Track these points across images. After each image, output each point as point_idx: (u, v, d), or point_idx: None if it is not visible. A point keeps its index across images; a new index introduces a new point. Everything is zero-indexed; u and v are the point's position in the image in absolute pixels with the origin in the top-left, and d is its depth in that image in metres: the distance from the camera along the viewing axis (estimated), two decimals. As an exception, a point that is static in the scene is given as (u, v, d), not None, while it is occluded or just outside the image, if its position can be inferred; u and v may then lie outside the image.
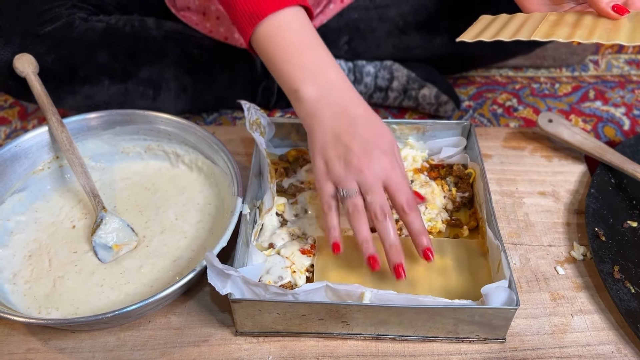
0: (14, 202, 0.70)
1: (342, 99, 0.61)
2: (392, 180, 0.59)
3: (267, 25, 0.62)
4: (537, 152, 0.82)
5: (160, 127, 0.74)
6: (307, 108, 0.61)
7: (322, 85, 0.61)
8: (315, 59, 0.62)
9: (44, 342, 0.59)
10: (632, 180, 0.73)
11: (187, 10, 0.85)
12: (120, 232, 0.66)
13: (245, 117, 0.70)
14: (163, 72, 0.84)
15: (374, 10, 0.87)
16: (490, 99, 1.00)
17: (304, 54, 0.62)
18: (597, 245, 0.66)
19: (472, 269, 0.63)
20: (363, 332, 0.59)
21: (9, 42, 0.76)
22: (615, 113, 0.96)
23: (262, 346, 0.59)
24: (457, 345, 0.59)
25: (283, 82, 0.63)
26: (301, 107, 0.62)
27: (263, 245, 0.66)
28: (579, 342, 0.59)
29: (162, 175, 0.76)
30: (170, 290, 0.55)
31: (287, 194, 0.72)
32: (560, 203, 0.74)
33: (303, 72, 0.61)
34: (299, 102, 0.62)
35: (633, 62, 1.09)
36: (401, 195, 0.59)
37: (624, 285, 0.62)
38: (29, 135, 0.71)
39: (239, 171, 0.67)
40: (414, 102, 0.93)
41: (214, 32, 0.85)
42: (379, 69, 0.92)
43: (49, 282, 0.63)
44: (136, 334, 0.60)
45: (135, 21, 0.83)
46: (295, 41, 0.62)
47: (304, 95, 0.61)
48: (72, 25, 0.79)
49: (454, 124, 0.75)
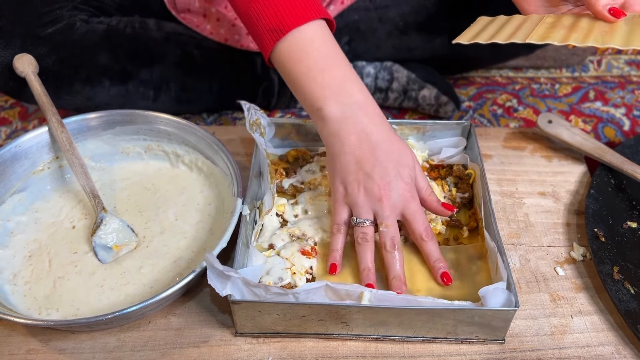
0: (14, 203, 0.70)
1: (367, 120, 0.60)
2: (410, 210, 0.60)
3: (289, 40, 0.60)
4: (537, 152, 0.82)
5: (160, 127, 0.74)
6: (330, 128, 0.60)
7: (346, 104, 0.60)
8: (339, 77, 0.60)
9: (44, 343, 0.60)
10: (631, 181, 0.73)
11: (187, 12, 0.85)
12: (120, 232, 0.66)
13: (245, 118, 0.71)
14: (163, 73, 0.84)
15: (374, 11, 0.87)
16: (490, 100, 1.00)
17: (328, 71, 0.60)
18: (597, 246, 0.66)
19: (471, 273, 0.63)
20: (363, 333, 0.59)
21: (10, 43, 0.76)
22: (615, 114, 0.96)
23: (262, 347, 0.59)
24: (457, 346, 0.59)
25: (305, 100, 0.61)
26: (324, 126, 0.61)
27: (263, 246, 0.66)
28: (578, 343, 0.59)
29: (162, 176, 0.76)
30: (171, 291, 0.55)
31: (287, 195, 0.72)
32: (560, 203, 0.74)
33: (326, 90, 0.59)
34: (322, 121, 0.60)
35: (633, 63, 1.09)
36: (419, 225, 0.60)
37: (624, 286, 0.62)
38: (29, 135, 0.71)
39: (239, 171, 0.67)
40: (414, 103, 0.93)
41: (215, 33, 0.85)
42: (379, 69, 0.92)
43: (49, 282, 0.63)
44: (136, 334, 0.60)
45: (136, 23, 0.83)
46: (318, 58, 0.60)
47: (328, 115, 0.60)
48: (73, 27, 0.79)
49: (454, 125, 0.75)
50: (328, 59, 0.60)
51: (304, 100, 0.62)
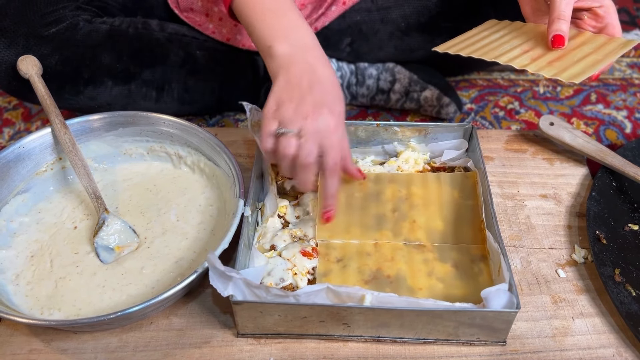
0: (17, 204, 0.70)
1: (313, 60, 0.63)
2: (329, 140, 0.61)
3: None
4: (538, 154, 0.82)
5: (162, 128, 0.75)
6: (278, 62, 0.63)
7: (295, 44, 0.63)
8: (291, 21, 0.65)
9: (46, 343, 0.60)
10: (633, 183, 0.73)
11: (190, 11, 0.86)
12: (122, 233, 0.67)
13: (248, 119, 0.71)
14: (166, 74, 0.84)
15: (376, 12, 0.87)
16: (492, 102, 1.00)
17: (280, 16, 0.64)
18: (598, 248, 0.66)
19: (473, 273, 0.63)
20: (364, 335, 0.59)
21: (13, 43, 0.77)
22: (617, 116, 0.96)
23: (263, 348, 0.59)
24: (458, 347, 0.59)
25: (258, 41, 0.65)
26: (272, 62, 0.64)
27: (264, 247, 0.66)
28: (579, 345, 0.59)
29: (164, 177, 0.76)
30: (172, 291, 0.56)
31: (289, 196, 0.72)
32: (562, 206, 0.74)
33: (278, 31, 0.64)
34: (271, 57, 0.64)
35: (635, 66, 1.09)
36: (331, 156, 0.62)
37: (625, 288, 0.62)
38: (33, 136, 0.71)
39: (241, 173, 0.67)
40: (416, 104, 0.93)
41: (217, 33, 0.86)
42: (381, 71, 0.92)
43: (50, 283, 0.63)
44: (138, 335, 0.60)
45: (138, 23, 0.83)
46: (272, 5, 0.65)
47: (277, 52, 0.63)
48: (76, 27, 0.79)
49: (455, 127, 0.75)
50: (283, 6, 0.65)
51: (257, 41, 0.65)
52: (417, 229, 0.67)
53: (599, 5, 0.68)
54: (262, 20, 0.65)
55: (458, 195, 0.71)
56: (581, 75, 0.61)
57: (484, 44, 0.70)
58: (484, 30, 0.74)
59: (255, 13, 0.65)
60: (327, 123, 0.61)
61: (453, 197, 0.71)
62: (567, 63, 0.64)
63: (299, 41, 0.64)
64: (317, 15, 0.85)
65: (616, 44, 0.66)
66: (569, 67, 0.63)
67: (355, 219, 0.68)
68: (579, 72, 0.62)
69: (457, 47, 0.71)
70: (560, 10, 0.64)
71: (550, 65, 0.64)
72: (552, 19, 0.64)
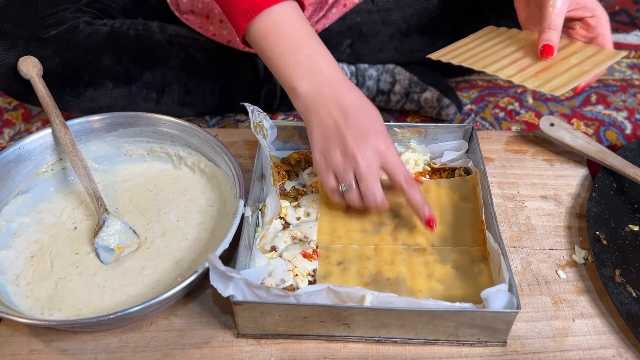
0: (17, 204, 0.70)
1: (336, 90, 0.63)
2: (388, 160, 0.62)
3: (262, 20, 0.63)
4: (538, 155, 0.82)
5: (163, 129, 0.75)
6: (304, 103, 0.64)
7: (317, 80, 0.63)
8: (310, 55, 0.64)
9: (46, 343, 0.60)
10: (633, 184, 0.73)
11: (190, 13, 0.86)
12: (122, 234, 0.67)
13: (250, 119, 0.71)
14: (166, 76, 0.84)
15: (377, 13, 0.88)
16: (492, 103, 1.00)
17: (299, 50, 0.63)
18: (599, 248, 0.66)
19: (473, 274, 0.63)
20: (364, 335, 0.59)
21: (14, 45, 0.77)
22: (617, 117, 0.96)
23: (263, 348, 0.59)
24: (458, 348, 0.59)
25: (280, 78, 0.65)
26: (298, 103, 0.65)
27: (265, 248, 0.66)
28: (580, 345, 0.59)
29: (165, 177, 0.76)
30: (173, 292, 0.56)
31: (290, 197, 0.72)
32: (562, 207, 0.74)
33: (299, 68, 0.63)
34: (296, 98, 0.64)
35: (635, 67, 1.09)
36: (398, 174, 0.62)
37: (625, 289, 0.62)
38: (33, 137, 0.71)
39: (241, 173, 0.67)
40: (416, 106, 0.93)
41: (217, 35, 0.86)
42: (381, 72, 0.92)
43: (50, 283, 0.63)
44: (138, 335, 0.60)
45: (139, 25, 0.84)
46: (289, 37, 0.63)
47: (301, 92, 0.63)
48: (77, 29, 0.80)
49: (456, 128, 0.75)
50: (300, 39, 0.64)
51: (280, 79, 0.65)
52: (417, 234, 0.67)
53: (591, 15, 0.68)
54: (282, 58, 0.63)
55: (458, 199, 0.71)
56: (564, 87, 0.62)
57: (476, 52, 0.71)
58: (479, 38, 0.75)
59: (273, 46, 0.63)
60: (376, 148, 0.61)
61: (453, 200, 0.71)
62: (552, 74, 0.65)
63: (320, 76, 0.63)
64: (318, 18, 0.85)
65: (604, 55, 0.67)
66: (554, 78, 0.64)
67: (355, 225, 0.68)
68: (563, 84, 0.63)
69: (450, 55, 0.72)
70: (551, 20, 0.65)
71: (536, 76, 0.65)
72: (542, 28, 0.65)
